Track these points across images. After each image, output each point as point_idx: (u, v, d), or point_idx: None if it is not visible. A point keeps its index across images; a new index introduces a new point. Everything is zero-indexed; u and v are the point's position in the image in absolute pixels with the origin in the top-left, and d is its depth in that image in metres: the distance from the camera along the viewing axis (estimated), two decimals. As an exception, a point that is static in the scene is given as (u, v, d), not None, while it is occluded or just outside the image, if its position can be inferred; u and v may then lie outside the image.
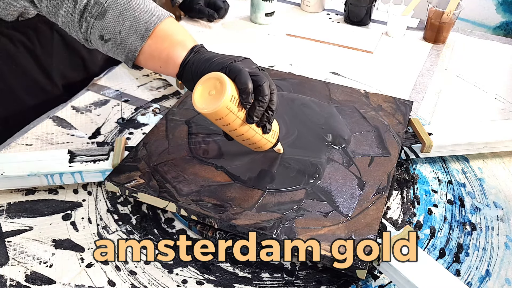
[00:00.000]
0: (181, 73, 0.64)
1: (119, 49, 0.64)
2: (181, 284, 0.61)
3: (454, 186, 0.76)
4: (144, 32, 0.63)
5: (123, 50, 0.64)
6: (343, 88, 0.88)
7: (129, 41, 0.63)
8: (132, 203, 0.72)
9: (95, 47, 0.67)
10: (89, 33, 0.64)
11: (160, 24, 0.63)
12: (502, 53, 1.11)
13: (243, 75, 0.58)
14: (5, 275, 0.62)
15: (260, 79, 0.59)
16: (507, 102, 0.95)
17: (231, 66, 0.59)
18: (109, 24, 0.63)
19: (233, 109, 0.58)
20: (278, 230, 0.61)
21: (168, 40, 0.64)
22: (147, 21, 0.63)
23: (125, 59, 0.65)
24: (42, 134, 0.83)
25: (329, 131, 0.77)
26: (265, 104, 0.60)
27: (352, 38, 1.16)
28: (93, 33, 0.64)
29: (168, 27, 0.64)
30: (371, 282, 0.62)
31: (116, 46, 0.64)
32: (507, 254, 0.66)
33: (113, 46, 0.64)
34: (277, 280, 0.62)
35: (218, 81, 0.58)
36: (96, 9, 0.62)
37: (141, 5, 0.63)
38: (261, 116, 0.61)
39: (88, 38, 0.65)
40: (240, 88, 0.58)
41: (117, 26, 0.63)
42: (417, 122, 0.81)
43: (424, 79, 1.02)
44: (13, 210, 0.70)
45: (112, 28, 0.63)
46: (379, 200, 0.65)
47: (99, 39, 0.64)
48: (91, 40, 0.65)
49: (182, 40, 0.64)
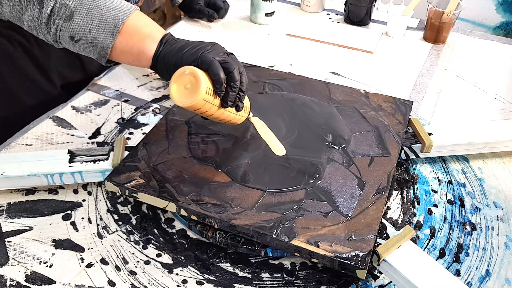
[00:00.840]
0: (154, 66, 0.67)
1: (90, 47, 0.66)
2: (181, 284, 0.61)
3: (454, 186, 0.76)
4: (113, 29, 0.64)
5: (94, 48, 0.65)
6: (343, 88, 0.88)
7: (100, 39, 0.64)
8: (132, 203, 0.72)
9: (65, 47, 0.68)
10: (59, 35, 0.65)
11: (127, 19, 0.65)
12: (502, 53, 1.11)
13: (214, 66, 0.62)
14: (5, 275, 0.62)
15: (230, 66, 0.63)
16: (507, 102, 0.95)
17: (202, 57, 0.62)
18: (78, 24, 0.64)
19: (209, 99, 0.63)
20: (278, 230, 0.61)
21: (137, 34, 0.65)
22: (114, 17, 0.64)
23: (98, 56, 0.66)
24: (42, 134, 0.83)
25: (329, 131, 0.77)
26: (236, 88, 0.64)
27: (352, 38, 1.16)
28: (63, 35, 0.65)
29: (135, 21, 0.66)
30: (371, 282, 0.62)
31: (88, 45, 0.65)
32: (507, 254, 0.66)
33: (84, 46, 0.66)
34: (277, 280, 0.62)
35: (192, 76, 0.62)
36: (63, 12, 0.63)
37: (107, 2, 0.64)
38: (234, 99, 0.65)
39: (58, 40, 0.66)
40: (213, 80, 0.62)
41: (86, 26, 0.64)
42: (417, 122, 0.81)
43: (424, 79, 1.02)
44: (13, 210, 0.70)
45: (81, 28, 0.64)
46: (379, 200, 0.66)
47: (69, 39, 0.65)
48: (61, 41, 0.66)
49: (150, 32, 0.66)
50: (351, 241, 0.60)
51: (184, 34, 1.16)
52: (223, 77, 0.62)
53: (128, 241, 0.66)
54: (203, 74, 0.62)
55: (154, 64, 0.67)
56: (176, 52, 0.65)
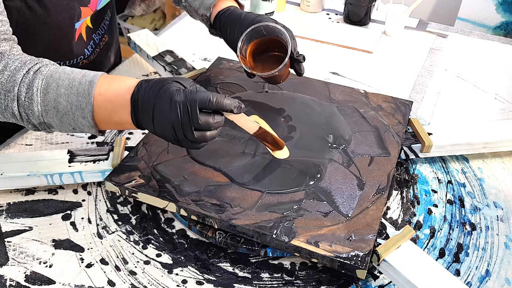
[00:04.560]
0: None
1: (76, 131, 0.63)
2: (181, 284, 0.61)
3: (454, 186, 0.76)
4: (89, 124, 0.60)
5: (80, 130, 0.62)
6: (343, 88, 0.88)
7: (85, 130, 0.62)
8: (132, 203, 0.72)
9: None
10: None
11: (94, 113, 0.60)
12: (502, 53, 1.11)
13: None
14: (5, 275, 0.62)
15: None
16: (507, 102, 0.95)
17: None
18: (59, 129, 0.62)
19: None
20: (278, 230, 0.61)
21: (110, 117, 0.61)
22: (84, 116, 0.60)
23: (90, 132, 0.63)
24: (42, 134, 0.83)
25: (330, 131, 0.77)
26: None
27: (352, 38, 1.16)
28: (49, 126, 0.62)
29: (103, 112, 0.60)
30: (371, 282, 0.62)
31: (73, 131, 0.63)
32: (507, 254, 0.66)
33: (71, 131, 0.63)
34: (277, 280, 0.62)
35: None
36: (42, 127, 0.62)
37: (68, 106, 0.59)
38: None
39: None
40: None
41: (68, 129, 0.62)
42: (416, 122, 0.81)
43: (424, 79, 1.02)
44: (13, 210, 0.70)
45: (65, 130, 0.63)
46: (379, 200, 0.65)
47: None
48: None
49: (117, 111, 0.60)
50: (351, 241, 0.60)
51: (184, 34, 1.16)
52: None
53: (128, 241, 0.66)
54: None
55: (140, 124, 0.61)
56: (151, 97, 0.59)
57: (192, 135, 0.57)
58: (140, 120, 0.59)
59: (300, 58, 0.76)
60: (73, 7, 0.77)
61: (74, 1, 0.77)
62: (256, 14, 0.77)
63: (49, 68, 0.60)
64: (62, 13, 0.76)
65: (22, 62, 0.60)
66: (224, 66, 0.94)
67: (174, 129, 0.57)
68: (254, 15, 0.76)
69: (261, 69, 0.78)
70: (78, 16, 0.79)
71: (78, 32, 0.83)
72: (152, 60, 0.96)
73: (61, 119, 0.60)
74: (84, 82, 0.59)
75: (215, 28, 0.82)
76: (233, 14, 0.78)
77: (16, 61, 0.60)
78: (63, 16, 0.76)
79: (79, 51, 0.85)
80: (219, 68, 0.93)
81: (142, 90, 0.58)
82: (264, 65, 0.78)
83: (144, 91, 0.58)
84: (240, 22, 0.76)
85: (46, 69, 0.60)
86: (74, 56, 0.84)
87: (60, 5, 0.75)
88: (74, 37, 0.82)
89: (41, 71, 0.60)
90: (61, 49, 0.81)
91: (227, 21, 0.78)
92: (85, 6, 0.80)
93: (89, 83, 0.59)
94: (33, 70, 0.59)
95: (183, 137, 0.57)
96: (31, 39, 0.73)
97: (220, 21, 0.79)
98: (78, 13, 0.79)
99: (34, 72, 0.59)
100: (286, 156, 0.71)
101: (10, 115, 0.61)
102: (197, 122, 0.56)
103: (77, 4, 0.78)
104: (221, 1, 0.81)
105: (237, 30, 0.76)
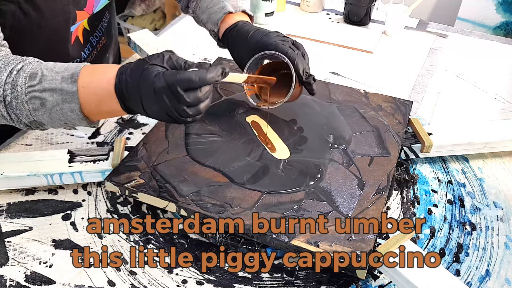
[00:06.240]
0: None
1: (69, 126, 0.63)
2: (181, 284, 0.61)
3: (454, 186, 0.76)
4: (78, 117, 0.60)
5: (72, 124, 0.63)
6: (343, 88, 0.88)
7: (75, 123, 0.62)
8: (132, 203, 0.72)
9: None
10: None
11: (82, 107, 0.60)
12: (502, 53, 1.11)
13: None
14: (5, 275, 0.62)
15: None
16: (507, 102, 0.95)
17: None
18: (50, 126, 0.63)
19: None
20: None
21: (97, 105, 0.60)
22: (72, 110, 0.60)
23: (82, 124, 0.63)
24: (42, 134, 0.83)
25: (331, 131, 0.77)
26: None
27: (352, 38, 1.16)
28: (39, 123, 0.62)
29: (88, 105, 0.60)
30: (371, 282, 0.62)
31: (65, 126, 0.63)
32: (507, 254, 0.66)
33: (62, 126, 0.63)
34: (277, 280, 0.62)
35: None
36: (34, 125, 0.62)
37: (54, 101, 0.59)
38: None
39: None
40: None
41: (58, 124, 0.62)
42: (416, 122, 0.81)
43: (424, 79, 1.02)
44: (13, 210, 0.70)
45: (55, 126, 0.63)
46: (379, 200, 0.65)
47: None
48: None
49: (104, 102, 0.60)
50: (351, 241, 0.60)
51: (184, 34, 1.16)
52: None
53: (128, 241, 0.66)
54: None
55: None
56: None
57: (186, 113, 0.57)
58: (130, 108, 0.60)
59: (310, 80, 0.74)
60: (68, 11, 0.77)
61: (70, 4, 0.76)
62: (263, 32, 0.74)
63: (31, 66, 0.60)
64: (57, 17, 0.75)
65: (5, 63, 0.59)
66: (224, 66, 0.93)
67: (167, 113, 0.57)
68: (260, 34, 0.74)
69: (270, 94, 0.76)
70: (73, 20, 0.79)
71: (74, 35, 0.82)
72: (152, 60, 0.96)
73: (50, 115, 0.60)
74: (66, 75, 0.59)
75: (224, 44, 0.80)
76: (239, 33, 0.76)
77: None
78: (58, 20, 0.76)
79: (75, 54, 0.85)
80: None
81: (124, 81, 0.58)
82: (272, 90, 0.76)
83: (125, 82, 0.58)
84: (246, 43, 0.74)
85: (29, 67, 0.59)
86: (71, 59, 0.84)
87: (55, 9, 0.74)
88: (70, 40, 0.82)
89: (24, 69, 0.59)
90: (57, 52, 0.80)
91: (233, 41, 0.77)
92: (80, 9, 0.79)
93: (72, 76, 0.59)
94: (16, 69, 0.59)
95: (179, 117, 0.58)
96: (26, 43, 0.73)
97: (227, 39, 0.78)
98: (73, 17, 0.78)
99: (17, 71, 0.59)
100: (286, 156, 0.71)
101: (0, 117, 0.60)
102: (185, 102, 0.56)
103: (72, 8, 0.77)
104: (229, 16, 0.78)
105: (244, 51, 0.74)
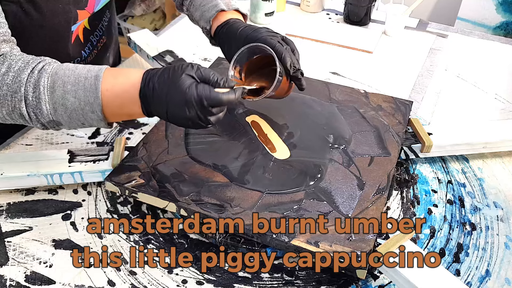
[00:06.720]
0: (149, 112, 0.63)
1: (85, 126, 0.64)
2: (181, 284, 0.61)
3: (454, 186, 0.76)
4: (98, 118, 0.61)
5: (90, 125, 0.63)
6: (343, 88, 0.88)
7: (94, 124, 0.63)
8: (132, 203, 0.72)
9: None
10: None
11: (103, 107, 0.60)
12: (502, 53, 1.11)
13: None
14: (5, 275, 0.62)
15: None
16: (507, 102, 0.95)
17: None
18: (68, 126, 0.63)
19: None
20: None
21: (120, 109, 0.62)
22: (93, 111, 0.60)
23: (100, 125, 0.64)
24: (42, 134, 0.83)
25: (331, 131, 0.77)
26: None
27: (352, 38, 1.16)
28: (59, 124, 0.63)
29: (111, 104, 0.61)
30: (371, 282, 0.62)
31: (82, 126, 0.63)
32: (507, 254, 0.66)
33: (81, 126, 0.64)
34: (277, 280, 0.62)
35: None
36: (51, 125, 0.62)
37: (76, 103, 0.60)
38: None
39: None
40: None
41: (76, 124, 0.62)
42: (416, 122, 0.81)
43: (424, 79, 1.02)
44: (13, 210, 0.70)
45: (73, 126, 0.63)
46: (379, 200, 0.65)
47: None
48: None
49: (126, 105, 0.62)
50: (351, 241, 0.60)
51: (184, 34, 1.16)
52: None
53: (128, 241, 0.66)
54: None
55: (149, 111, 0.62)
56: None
57: (208, 122, 0.61)
58: (152, 113, 0.62)
59: (297, 74, 0.72)
60: (69, 10, 0.77)
61: (71, 4, 0.76)
62: (252, 28, 0.74)
63: (52, 66, 0.60)
64: (58, 17, 0.75)
65: (25, 62, 0.60)
66: (224, 66, 0.94)
67: (191, 122, 0.60)
68: (249, 30, 0.73)
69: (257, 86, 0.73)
70: (74, 19, 0.79)
71: (75, 34, 0.82)
72: (152, 60, 0.96)
73: (70, 115, 0.60)
74: (90, 77, 0.60)
75: (216, 42, 0.81)
76: (230, 30, 0.76)
77: (18, 61, 0.60)
78: (59, 20, 0.76)
79: (76, 53, 0.85)
80: (219, 68, 0.93)
81: (150, 87, 0.59)
82: (260, 82, 0.74)
83: (152, 88, 0.59)
84: (235, 39, 0.74)
85: (50, 67, 0.60)
86: (71, 58, 0.84)
87: (56, 9, 0.74)
88: (71, 40, 0.82)
89: (45, 69, 0.60)
90: (58, 51, 0.80)
91: (224, 38, 0.77)
92: (81, 9, 0.79)
93: (95, 78, 0.60)
94: (37, 69, 0.59)
95: (199, 125, 0.61)
96: (27, 43, 0.73)
97: (219, 36, 0.78)
98: (74, 16, 0.78)
99: (39, 71, 0.59)
100: (287, 156, 0.71)
101: (18, 116, 0.61)
102: (210, 114, 0.60)
103: (73, 7, 0.77)
104: (221, 14, 0.79)
105: (233, 48, 0.74)
